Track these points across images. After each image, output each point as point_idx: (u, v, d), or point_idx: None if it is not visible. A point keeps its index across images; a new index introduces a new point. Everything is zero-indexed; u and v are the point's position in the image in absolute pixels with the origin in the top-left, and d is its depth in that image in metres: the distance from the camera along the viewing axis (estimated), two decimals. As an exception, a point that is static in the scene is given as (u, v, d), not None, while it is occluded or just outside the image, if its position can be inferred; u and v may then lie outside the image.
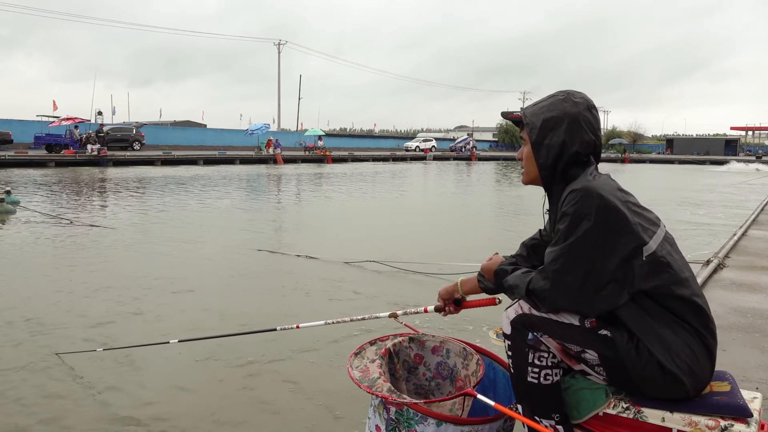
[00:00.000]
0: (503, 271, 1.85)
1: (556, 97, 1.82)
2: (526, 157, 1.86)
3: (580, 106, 1.78)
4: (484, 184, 24.88)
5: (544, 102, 1.84)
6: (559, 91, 1.86)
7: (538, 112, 1.82)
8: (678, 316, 1.62)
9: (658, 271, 1.62)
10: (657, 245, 1.64)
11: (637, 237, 1.61)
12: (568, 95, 1.81)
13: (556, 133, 1.76)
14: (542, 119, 1.79)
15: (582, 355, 1.68)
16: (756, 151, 68.42)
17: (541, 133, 1.79)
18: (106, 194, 15.74)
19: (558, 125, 1.77)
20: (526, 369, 1.74)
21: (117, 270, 6.51)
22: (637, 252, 1.61)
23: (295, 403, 3.28)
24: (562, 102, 1.79)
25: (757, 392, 1.76)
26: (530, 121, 1.82)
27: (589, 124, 1.78)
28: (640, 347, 1.59)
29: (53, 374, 3.60)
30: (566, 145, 1.75)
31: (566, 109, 1.77)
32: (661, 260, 1.63)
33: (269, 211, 13.24)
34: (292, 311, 5.11)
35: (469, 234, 10.11)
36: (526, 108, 1.89)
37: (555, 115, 1.77)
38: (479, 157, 51.96)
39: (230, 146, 44.91)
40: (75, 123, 33.01)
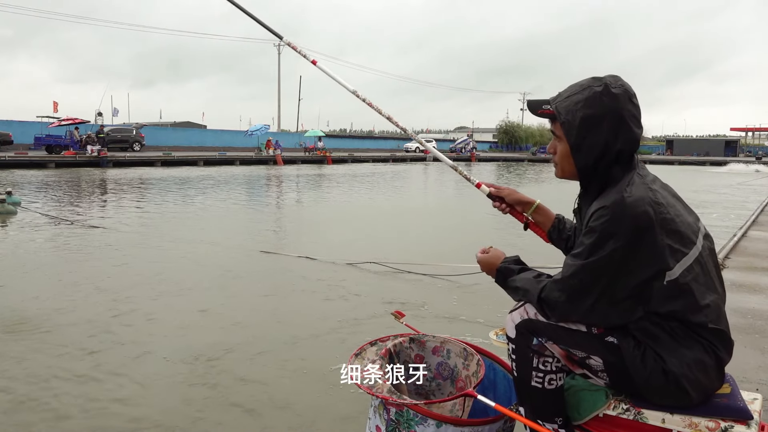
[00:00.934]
0: (508, 270, 1.79)
1: (592, 89, 1.63)
2: (562, 155, 1.72)
3: (621, 99, 1.61)
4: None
5: (578, 94, 1.65)
6: (593, 80, 1.66)
7: (574, 109, 1.64)
8: (694, 332, 1.57)
9: (677, 297, 1.55)
10: (682, 271, 1.55)
11: (662, 261, 1.53)
12: (606, 86, 1.62)
13: (598, 131, 1.62)
14: (580, 117, 1.63)
15: (586, 361, 1.67)
16: (756, 152, 68.40)
17: (580, 133, 1.64)
18: (107, 195, 15.74)
19: (599, 123, 1.61)
20: (530, 374, 1.72)
21: (116, 270, 6.50)
22: (658, 275, 1.54)
23: (294, 403, 3.27)
24: (601, 95, 1.61)
25: (757, 393, 1.76)
26: (566, 119, 1.65)
27: (633, 119, 1.62)
28: (646, 355, 1.57)
29: (51, 374, 3.60)
30: (609, 145, 1.61)
31: (607, 105, 1.61)
32: (682, 287, 1.55)
33: (269, 212, 13.24)
34: (292, 312, 5.11)
35: (468, 235, 10.10)
36: (557, 101, 1.70)
37: (595, 113, 1.61)
38: (479, 158, 51.98)
39: (230, 147, 44.91)
40: (75, 124, 33.02)
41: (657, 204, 1.55)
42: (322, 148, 42.90)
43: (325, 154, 40.79)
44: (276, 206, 14.63)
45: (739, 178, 29.63)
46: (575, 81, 1.73)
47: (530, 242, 8.27)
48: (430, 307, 5.19)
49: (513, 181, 26.26)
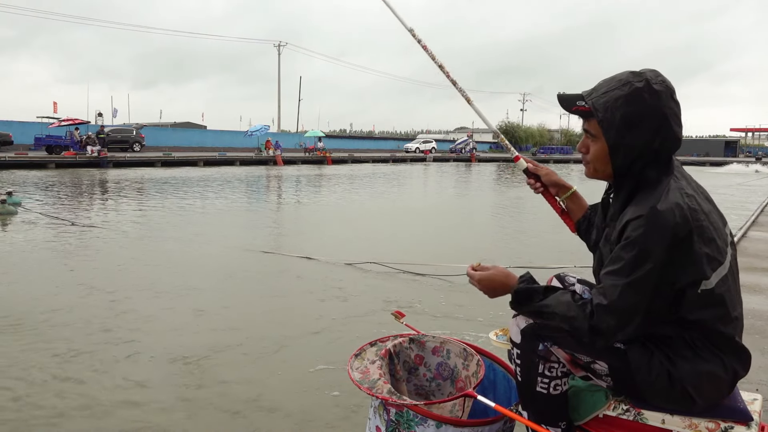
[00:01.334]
0: (532, 291, 1.65)
1: (633, 85, 1.53)
2: (597, 154, 1.62)
3: (663, 96, 1.53)
4: (484, 185, 24.88)
5: (617, 90, 1.55)
6: (631, 74, 1.56)
7: (613, 106, 1.54)
8: (715, 346, 1.54)
9: (708, 306, 1.51)
10: (718, 280, 1.51)
11: (700, 270, 1.48)
12: (647, 82, 1.53)
13: (639, 131, 1.53)
14: (620, 116, 1.53)
15: (591, 365, 1.65)
16: (756, 152, 68.45)
17: (620, 132, 1.54)
18: (107, 196, 15.74)
19: (640, 122, 1.52)
20: (535, 379, 1.69)
21: (114, 270, 6.51)
22: (695, 284, 1.49)
23: (294, 404, 3.27)
24: (642, 92, 1.52)
25: (757, 394, 1.76)
26: (605, 118, 1.55)
27: (674, 117, 1.55)
28: (652, 361, 1.55)
29: (46, 375, 3.61)
30: (649, 145, 1.54)
31: (648, 102, 1.52)
32: (717, 297, 1.51)
33: (269, 213, 13.25)
34: (289, 312, 5.11)
35: (469, 235, 10.10)
36: (593, 98, 1.59)
37: (636, 110, 1.52)
38: (479, 159, 51.97)
39: (230, 148, 44.93)
40: (75, 124, 33.03)
41: (693, 211, 1.49)
42: (322, 149, 42.92)
43: (325, 154, 40.80)
44: (276, 206, 14.63)
45: (739, 178, 29.65)
46: (576, 82, 1.71)
47: (529, 243, 8.23)
48: (429, 307, 5.19)
49: (513, 183, 26.26)
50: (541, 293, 1.63)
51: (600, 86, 1.61)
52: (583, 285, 1.93)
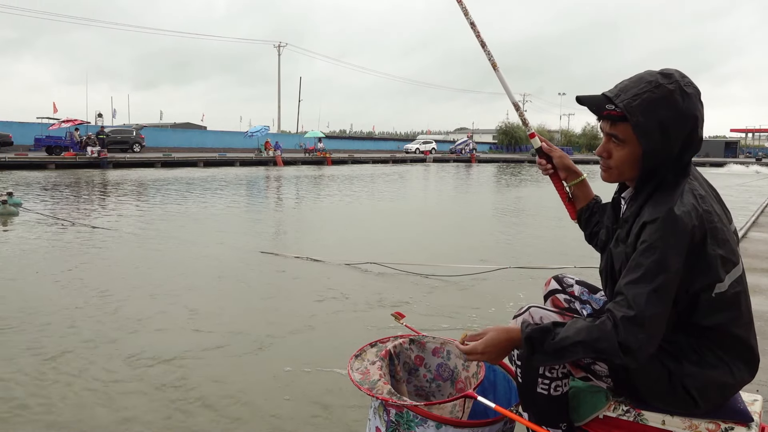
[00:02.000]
0: (544, 331, 1.55)
1: (665, 87, 1.48)
2: (624, 159, 1.56)
3: (694, 99, 1.50)
4: (484, 186, 24.89)
5: (649, 93, 1.49)
6: (661, 76, 1.51)
7: (648, 109, 1.48)
8: (725, 350, 1.53)
9: (723, 310, 1.50)
10: (731, 282, 1.50)
11: (714, 273, 1.47)
12: (678, 84, 1.49)
13: (673, 136, 1.49)
14: (658, 120, 1.48)
15: (591, 366, 1.65)
16: (756, 153, 68.50)
17: (656, 137, 1.49)
18: (107, 196, 15.75)
19: (675, 126, 1.48)
20: (536, 380, 1.69)
21: (112, 271, 6.51)
22: (709, 288, 1.48)
23: (295, 405, 3.27)
24: (675, 95, 1.48)
25: (758, 395, 1.75)
26: (641, 122, 1.48)
27: (702, 120, 1.52)
28: (653, 363, 1.54)
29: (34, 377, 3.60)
30: (678, 149, 1.51)
31: (682, 106, 1.48)
32: (730, 299, 1.50)
33: (270, 213, 13.25)
34: (291, 313, 5.11)
35: (469, 236, 10.10)
36: (624, 101, 1.51)
37: (671, 115, 1.48)
38: (479, 159, 51.98)
39: (230, 148, 44.95)
40: (75, 125, 33.05)
41: (707, 213, 1.48)
42: (322, 149, 42.94)
43: (325, 155, 40.82)
44: (275, 207, 14.63)
45: (739, 179, 29.66)
46: (577, 83, 1.70)
47: (528, 243, 8.21)
48: (430, 308, 5.19)
49: (513, 183, 26.27)
50: (551, 330, 1.54)
51: (627, 87, 1.54)
52: (582, 286, 1.93)
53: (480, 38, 1.99)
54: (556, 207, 2.19)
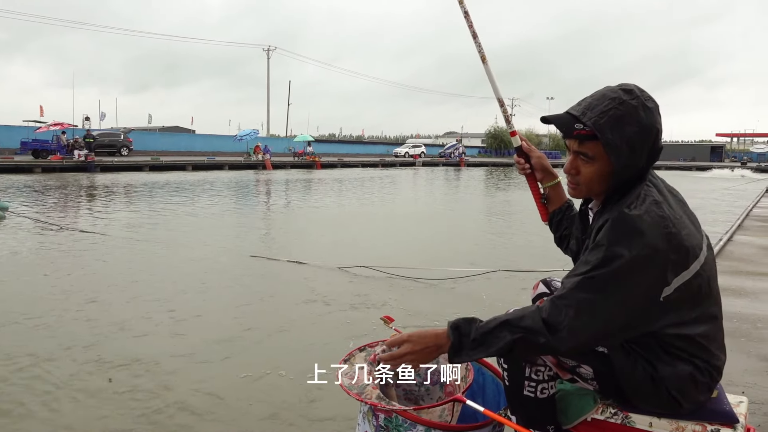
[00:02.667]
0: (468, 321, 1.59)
1: (628, 103, 1.52)
2: (593, 175, 1.58)
3: (654, 113, 1.54)
4: (473, 189, 24.96)
5: (614, 110, 1.52)
6: (622, 92, 1.54)
7: (615, 126, 1.50)
8: (683, 349, 1.54)
9: (669, 312, 1.52)
10: (679, 285, 1.50)
11: (663, 279, 1.48)
12: (639, 99, 1.53)
13: (640, 149, 1.52)
14: (628, 137, 1.51)
15: (577, 369, 1.67)
16: (741, 157, 69.27)
17: (625, 153, 1.51)
18: (95, 200, 15.62)
19: (640, 141, 1.52)
20: (522, 383, 1.70)
21: (98, 275, 6.46)
22: (657, 291, 1.49)
23: (283, 410, 3.26)
24: (639, 111, 1.52)
25: (743, 396, 1.77)
26: (611, 139, 1.50)
27: (661, 133, 1.56)
28: (636, 365, 1.56)
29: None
30: (640, 161, 1.54)
31: (645, 120, 1.52)
32: (676, 302, 1.51)
33: (259, 217, 13.21)
34: (279, 316, 5.09)
35: (458, 239, 10.13)
36: (592, 118, 1.53)
37: (638, 130, 1.51)
38: (468, 163, 52.11)
39: (219, 152, 44.77)
40: (62, 128, 32.79)
41: (662, 218, 1.49)
42: (312, 153, 42.87)
43: (314, 159, 40.75)
44: (265, 211, 14.59)
45: (725, 183, 29.98)
46: (567, 87, 1.70)
47: (517, 246, 8.25)
48: (419, 312, 5.19)
49: (501, 187, 26.37)
50: (477, 319, 1.57)
51: (592, 105, 1.56)
52: None
53: (472, 29, 1.98)
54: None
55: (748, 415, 1.68)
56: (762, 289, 5.16)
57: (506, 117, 2.08)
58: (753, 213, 12.16)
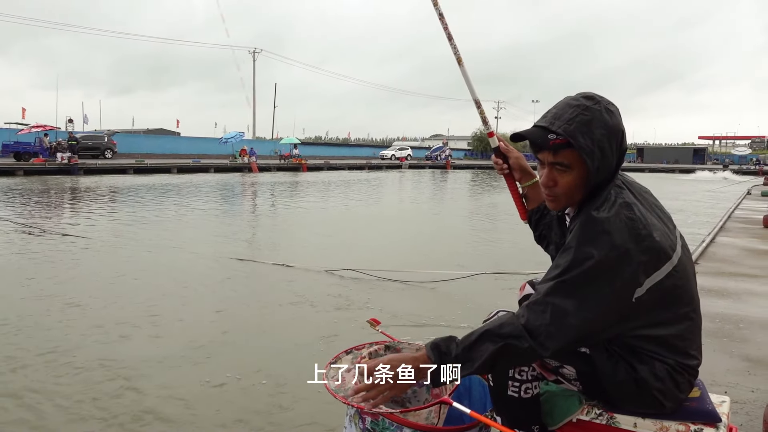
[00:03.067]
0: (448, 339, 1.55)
1: (593, 109, 1.56)
2: (570, 184, 1.59)
3: (617, 115, 1.58)
4: (459, 192, 25.05)
5: (581, 116, 1.55)
6: (584, 98, 1.59)
7: (584, 130, 1.53)
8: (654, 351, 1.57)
9: (643, 313, 1.54)
10: (650, 286, 1.52)
11: (635, 279, 1.49)
12: (600, 103, 1.58)
13: (609, 151, 1.56)
14: (596, 138, 1.53)
15: (560, 369, 1.68)
16: (723, 159, 70.20)
17: (597, 155, 1.54)
18: (78, 203, 15.45)
19: (608, 142, 1.55)
20: (506, 383, 1.70)
21: (79, 278, 6.40)
22: (629, 292, 1.50)
23: (270, 413, 3.24)
24: (603, 114, 1.56)
25: (726, 396, 1.79)
26: (584, 144, 1.52)
27: (625, 135, 1.61)
28: (618, 365, 1.58)
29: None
30: (614, 162, 1.58)
31: (610, 123, 1.56)
32: (649, 302, 1.53)
33: (245, 220, 13.14)
34: (264, 320, 5.07)
35: (445, 241, 10.15)
36: (559, 126, 1.55)
37: (605, 132, 1.55)
38: (454, 166, 52.29)
39: (204, 155, 44.51)
40: (45, 131, 32.41)
41: (631, 220, 1.50)
42: (298, 156, 42.76)
43: (300, 161, 40.65)
44: (251, 213, 14.52)
45: (708, 185, 30.34)
46: (554, 89, 1.72)
47: (503, 248, 8.29)
48: (405, 314, 5.19)
49: (487, 189, 26.46)
50: (455, 336, 1.56)
51: (558, 115, 1.58)
52: None
53: (447, 30, 1.99)
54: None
55: (730, 414, 1.70)
56: (744, 290, 5.23)
57: (483, 118, 2.09)
58: (735, 215, 12.32)
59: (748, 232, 9.47)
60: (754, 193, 20.35)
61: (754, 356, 3.60)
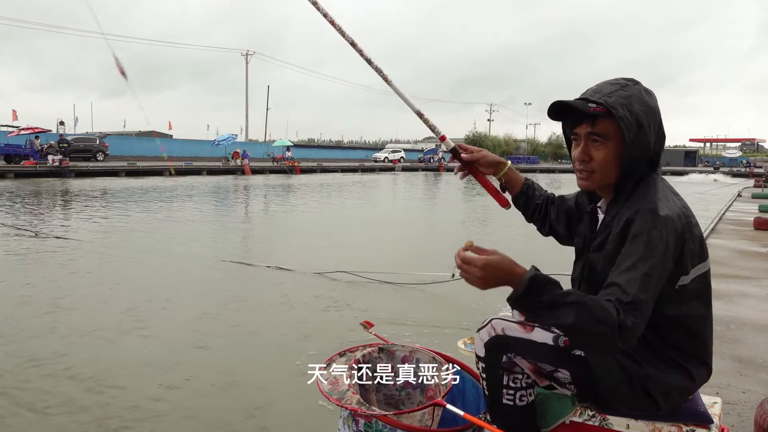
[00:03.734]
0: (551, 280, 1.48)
1: (632, 87, 1.60)
2: (606, 158, 1.59)
3: (654, 97, 1.62)
4: (452, 194, 25.08)
5: (622, 90, 1.58)
6: (624, 79, 1.62)
7: (624, 103, 1.55)
8: (682, 350, 1.57)
9: (682, 302, 1.55)
10: (695, 276, 1.55)
11: (682, 266, 1.52)
12: (640, 85, 1.62)
13: (648, 129, 1.57)
14: (636, 112, 1.55)
15: (554, 374, 1.67)
16: (714, 162, 70.67)
17: (635, 129, 1.55)
18: (70, 206, 15.36)
19: (648, 120, 1.57)
20: (501, 391, 1.70)
21: (69, 282, 6.36)
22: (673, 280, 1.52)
23: (264, 415, 3.23)
24: (642, 93, 1.59)
25: (717, 397, 1.80)
26: (624, 114, 1.53)
27: (662, 121, 1.63)
28: (613, 367, 1.58)
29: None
30: (651, 144, 1.59)
31: (649, 103, 1.59)
32: (691, 293, 1.55)
33: (238, 223, 13.10)
34: (257, 323, 5.05)
35: (438, 244, 10.14)
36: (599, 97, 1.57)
37: (644, 109, 1.57)
38: (447, 168, 52.33)
39: (197, 157, 44.32)
40: (35, 133, 32.21)
41: (686, 208, 1.56)
42: (291, 158, 42.67)
43: (293, 164, 40.57)
44: (244, 216, 14.48)
45: (699, 187, 30.50)
46: (546, 91, 1.73)
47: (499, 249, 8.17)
48: (398, 316, 5.19)
49: (480, 190, 26.47)
50: (558, 284, 1.48)
51: (599, 89, 1.60)
52: None
53: (364, 55, 2.00)
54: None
55: (722, 415, 1.71)
56: (735, 292, 5.27)
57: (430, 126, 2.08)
58: (726, 217, 12.41)
59: (739, 233, 9.54)
60: (744, 195, 20.52)
61: (746, 357, 3.63)
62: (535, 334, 1.65)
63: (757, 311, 4.70)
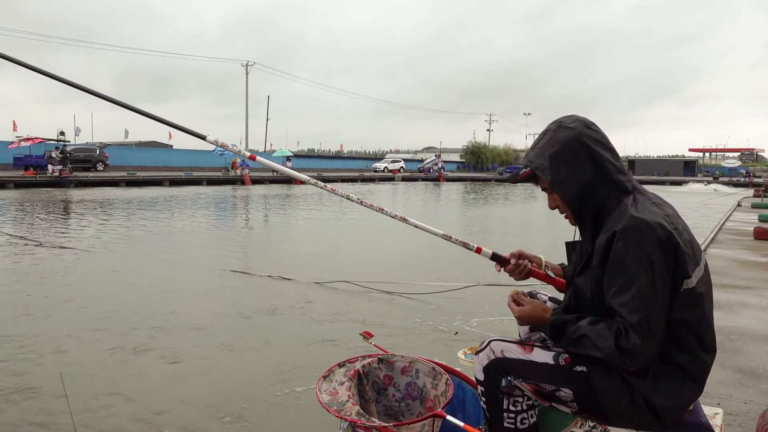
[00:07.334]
0: (566, 321, 1.64)
1: (549, 131, 1.71)
2: (561, 203, 1.72)
3: (576, 128, 1.67)
4: (452, 204, 25.08)
5: (540, 141, 1.72)
6: (549, 124, 1.75)
7: (540, 153, 1.69)
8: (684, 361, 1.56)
9: (689, 307, 1.54)
10: (697, 280, 1.56)
11: (683, 268, 1.53)
12: (560, 123, 1.71)
13: (569, 163, 1.64)
14: (548, 157, 1.67)
15: (556, 393, 1.65)
16: (713, 172, 70.79)
17: (553, 170, 1.66)
18: (72, 215, 15.35)
19: (565, 155, 1.64)
20: (501, 416, 1.71)
21: (84, 291, 6.34)
22: (679, 283, 1.53)
23: (262, 427, 3.21)
24: (556, 132, 1.69)
25: (719, 408, 1.79)
26: (538, 164, 1.68)
27: (594, 141, 1.66)
28: (615, 381, 1.57)
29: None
30: (585, 172, 1.63)
31: (565, 137, 1.66)
32: (697, 297, 1.55)
33: (239, 232, 13.09)
34: (258, 332, 5.03)
35: (438, 254, 10.13)
36: (528, 157, 1.75)
37: (558, 149, 1.66)
38: (447, 178, 52.39)
39: (197, 167, 44.37)
40: (36, 143, 32.23)
41: (666, 216, 1.58)
42: (291, 168, 42.64)
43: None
44: (245, 226, 14.47)
45: (699, 197, 30.52)
46: (551, 103, 1.77)
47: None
48: (399, 327, 5.17)
49: (480, 201, 26.52)
50: (573, 321, 1.62)
51: (532, 147, 1.76)
52: (554, 303, 1.96)
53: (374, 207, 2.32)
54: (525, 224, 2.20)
55: (723, 426, 1.70)
56: (736, 302, 5.25)
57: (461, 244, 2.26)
58: (726, 226, 12.39)
59: (739, 243, 9.52)
60: (744, 205, 20.50)
61: (747, 368, 3.61)
62: (535, 354, 1.66)
63: (758, 321, 4.68)
